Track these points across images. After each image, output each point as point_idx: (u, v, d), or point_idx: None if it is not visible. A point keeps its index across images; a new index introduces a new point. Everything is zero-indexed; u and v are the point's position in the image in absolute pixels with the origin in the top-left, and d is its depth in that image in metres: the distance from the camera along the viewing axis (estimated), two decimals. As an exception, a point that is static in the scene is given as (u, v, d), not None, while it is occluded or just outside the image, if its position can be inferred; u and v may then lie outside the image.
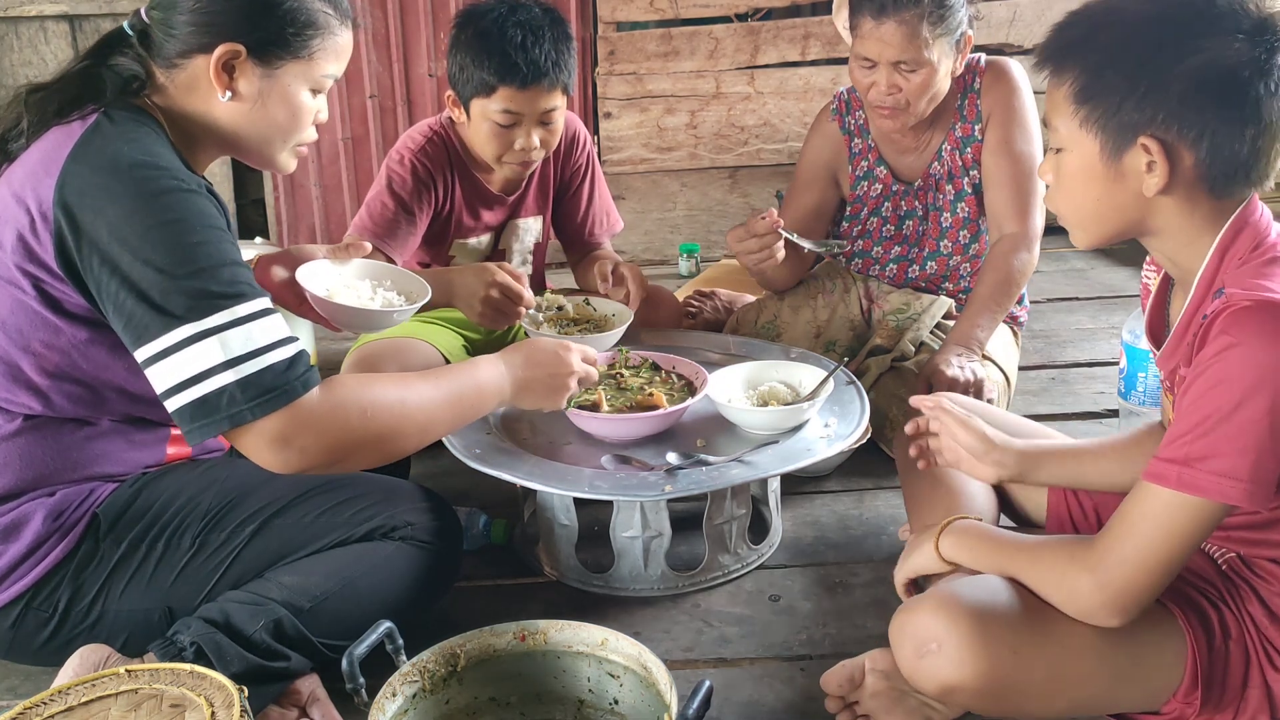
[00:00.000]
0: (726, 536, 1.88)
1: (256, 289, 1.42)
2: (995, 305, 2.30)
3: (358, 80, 3.69)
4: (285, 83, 1.52)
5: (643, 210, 3.92)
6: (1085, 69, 1.28)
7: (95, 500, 1.55)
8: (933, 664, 1.33)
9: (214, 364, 1.35)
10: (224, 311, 1.36)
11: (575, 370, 1.70)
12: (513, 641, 1.43)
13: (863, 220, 2.50)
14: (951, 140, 2.37)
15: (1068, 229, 1.39)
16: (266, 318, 1.40)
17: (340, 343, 3.18)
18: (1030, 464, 1.60)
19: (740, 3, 3.77)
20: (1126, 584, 1.27)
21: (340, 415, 1.41)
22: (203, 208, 1.42)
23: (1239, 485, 1.19)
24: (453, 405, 1.56)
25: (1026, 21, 3.78)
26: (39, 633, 1.54)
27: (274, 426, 1.36)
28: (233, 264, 1.41)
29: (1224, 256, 1.29)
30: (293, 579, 1.53)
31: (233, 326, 1.36)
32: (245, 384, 1.35)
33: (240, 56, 1.48)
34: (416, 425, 1.51)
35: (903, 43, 2.14)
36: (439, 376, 1.58)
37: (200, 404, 1.35)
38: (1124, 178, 1.28)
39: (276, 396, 1.36)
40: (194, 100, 1.51)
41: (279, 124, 1.55)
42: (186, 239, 1.38)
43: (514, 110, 2.17)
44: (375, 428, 1.44)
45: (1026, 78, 2.35)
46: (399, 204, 2.28)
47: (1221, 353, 1.20)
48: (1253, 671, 1.34)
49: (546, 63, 2.14)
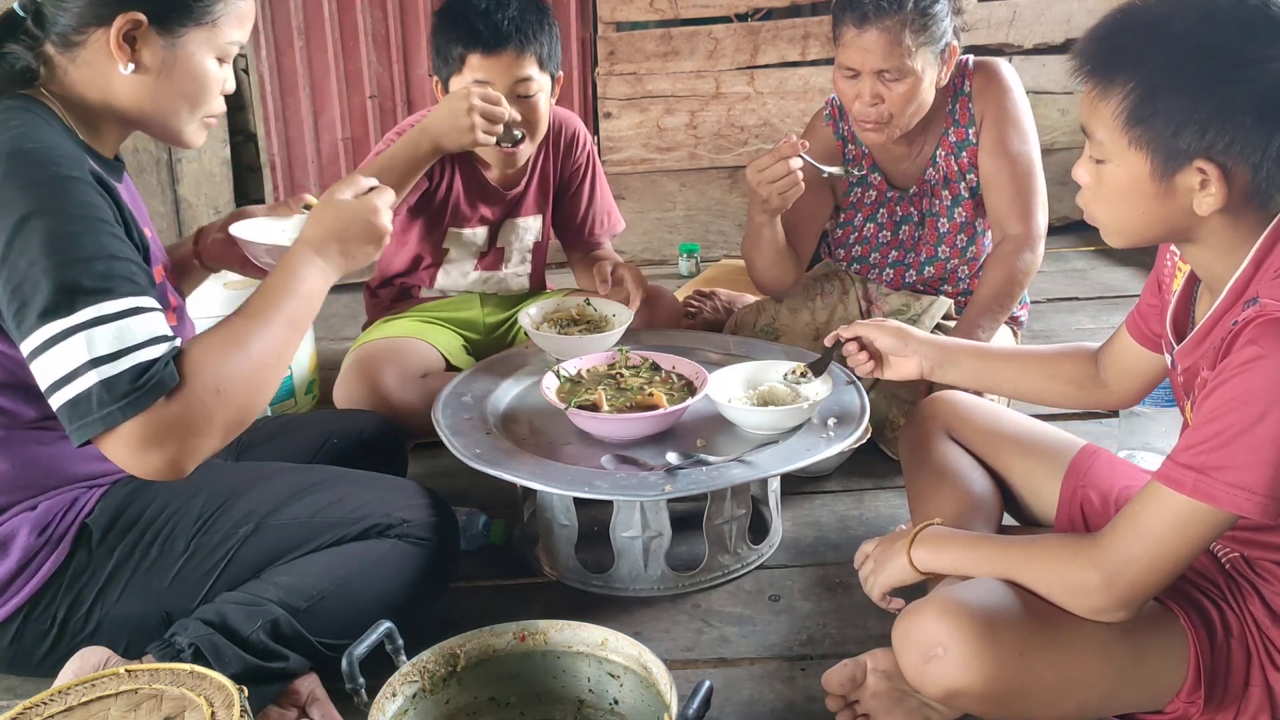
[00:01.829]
0: (726, 536, 1.88)
1: (134, 284, 1.35)
2: (998, 306, 2.30)
3: (358, 80, 3.69)
4: (189, 51, 1.47)
5: (642, 210, 3.92)
6: (1138, 88, 1.23)
7: (81, 509, 1.54)
8: (938, 669, 1.32)
9: (80, 363, 1.29)
10: (92, 307, 1.30)
11: (378, 206, 1.56)
12: (513, 641, 1.43)
13: (858, 226, 2.50)
14: (945, 145, 2.36)
15: (1101, 230, 1.37)
16: (139, 315, 1.33)
17: (340, 343, 3.18)
18: (946, 357, 1.78)
19: (740, 3, 3.77)
20: (1135, 582, 1.27)
21: (196, 406, 1.34)
22: (83, 197, 1.35)
23: (1253, 498, 1.19)
24: (291, 326, 1.46)
25: (1026, 21, 3.78)
26: (39, 645, 1.54)
27: (136, 431, 1.31)
28: (108, 257, 1.34)
29: (1260, 266, 1.27)
30: (289, 579, 1.53)
31: (100, 323, 1.30)
32: (110, 384, 1.29)
33: (141, 26, 1.42)
34: (270, 369, 1.43)
35: (885, 50, 2.12)
36: (264, 306, 1.45)
37: (73, 404, 1.30)
38: (1174, 195, 1.26)
39: (140, 398, 1.30)
40: (94, 77, 1.45)
41: (185, 95, 1.49)
42: (60, 230, 1.32)
43: (484, 79, 2.18)
44: (234, 399, 1.38)
45: (1016, 76, 2.34)
46: None
47: (1248, 363, 1.19)
48: (1254, 670, 1.34)
49: (510, 26, 2.16)
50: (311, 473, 1.68)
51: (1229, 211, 1.26)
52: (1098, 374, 1.69)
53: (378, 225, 1.55)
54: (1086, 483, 1.64)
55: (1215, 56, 1.20)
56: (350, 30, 3.63)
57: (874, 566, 1.57)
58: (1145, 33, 1.25)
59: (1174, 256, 1.49)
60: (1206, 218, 1.27)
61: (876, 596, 1.56)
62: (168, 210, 3.67)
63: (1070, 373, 1.71)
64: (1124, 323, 1.64)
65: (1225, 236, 1.29)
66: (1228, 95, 1.19)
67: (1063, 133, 3.90)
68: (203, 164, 3.66)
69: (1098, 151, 1.30)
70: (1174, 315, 1.45)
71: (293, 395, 2.58)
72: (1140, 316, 1.59)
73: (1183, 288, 1.44)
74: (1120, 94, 1.25)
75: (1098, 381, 1.69)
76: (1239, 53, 1.19)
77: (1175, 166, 1.24)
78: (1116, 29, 1.28)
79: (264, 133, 3.67)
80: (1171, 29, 1.22)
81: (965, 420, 1.80)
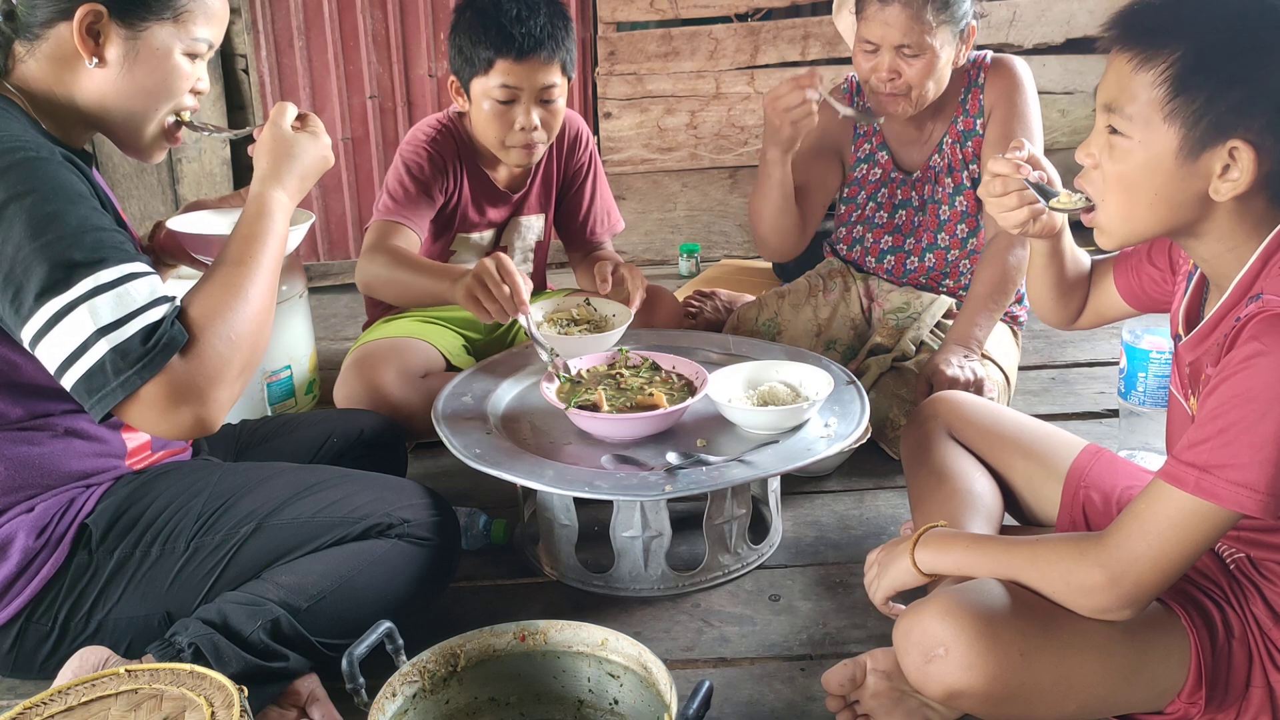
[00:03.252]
0: (726, 536, 1.88)
1: (125, 251, 1.36)
2: (993, 303, 2.31)
3: (358, 80, 3.69)
4: (153, 46, 1.46)
5: (643, 210, 3.92)
6: (1186, 56, 1.20)
7: (79, 510, 1.54)
8: (940, 669, 1.32)
9: (88, 334, 1.30)
10: (89, 278, 1.30)
11: (322, 134, 1.59)
12: (513, 641, 1.43)
13: (860, 204, 2.51)
14: (953, 133, 2.38)
15: (1097, 224, 1.34)
16: (137, 280, 1.34)
17: (340, 343, 3.18)
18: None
19: (740, 3, 3.77)
20: (1140, 580, 1.26)
21: (212, 358, 1.35)
22: (58, 176, 1.36)
23: (1255, 496, 1.18)
24: (275, 267, 1.49)
25: (1026, 21, 3.78)
26: (40, 647, 1.54)
27: (157, 392, 1.31)
28: (94, 229, 1.34)
29: (1267, 262, 1.26)
30: (290, 579, 1.53)
31: (100, 292, 1.31)
32: (123, 350, 1.30)
33: (102, 18, 1.42)
34: (267, 311, 1.45)
35: (906, 26, 2.15)
36: (249, 251, 1.46)
37: (88, 378, 1.31)
38: (1193, 177, 1.24)
39: (154, 358, 1.31)
40: (59, 72, 1.45)
41: (148, 90, 1.48)
42: (41, 210, 1.32)
43: (511, 85, 2.20)
44: (245, 345, 1.40)
45: (1030, 75, 2.36)
46: (419, 186, 2.30)
47: (1250, 359, 1.18)
48: (1255, 671, 1.34)
49: (542, 34, 2.18)
50: (312, 473, 1.67)
51: (1240, 201, 1.25)
52: (1082, 299, 1.71)
53: (328, 154, 1.60)
54: (1088, 483, 1.64)
55: (1270, 29, 1.18)
56: (350, 30, 3.63)
57: (877, 571, 1.57)
58: (1196, 1, 1.23)
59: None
60: (1213, 210, 1.26)
61: (880, 600, 1.56)
62: (168, 210, 3.67)
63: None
64: (1113, 271, 1.64)
65: (1229, 230, 1.28)
66: (1277, 71, 1.17)
67: (1062, 133, 3.90)
68: (203, 164, 3.66)
69: (1122, 126, 1.26)
70: (1187, 306, 1.44)
71: (293, 395, 2.58)
72: (1134, 272, 1.59)
73: (1198, 278, 1.43)
74: (1165, 62, 1.22)
75: (1077, 306, 1.72)
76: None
77: (1206, 144, 1.22)
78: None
79: (264, 133, 3.67)
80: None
81: (966, 420, 1.80)
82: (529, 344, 2.25)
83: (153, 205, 3.65)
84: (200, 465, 1.69)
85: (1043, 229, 1.57)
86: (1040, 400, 2.66)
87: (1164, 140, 1.23)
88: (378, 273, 2.21)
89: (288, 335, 2.56)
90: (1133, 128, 1.25)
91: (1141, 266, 1.59)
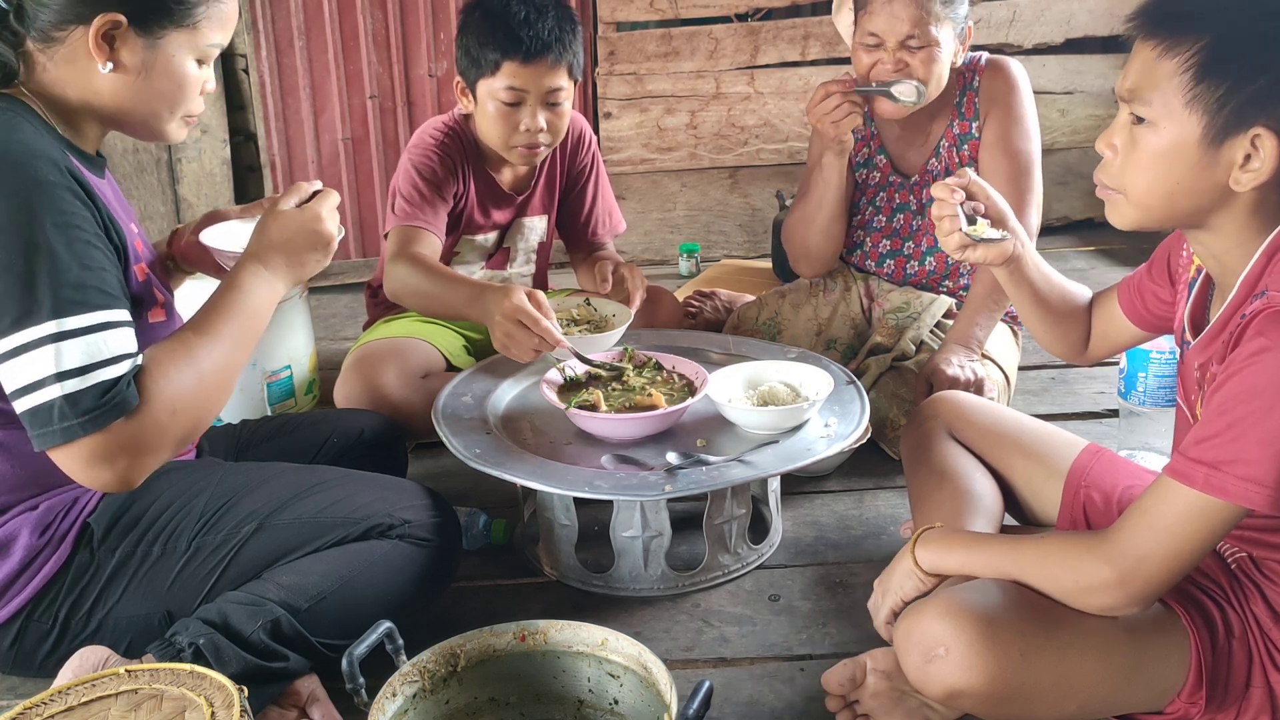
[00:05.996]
0: (726, 536, 1.88)
1: (108, 295, 1.37)
2: (993, 304, 2.31)
3: (358, 81, 3.68)
4: (169, 53, 1.46)
5: (643, 210, 3.91)
6: (1213, 43, 1.20)
7: (82, 508, 1.54)
8: (940, 669, 1.32)
9: (45, 375, 1.31)
10: (63, 319, 1.32)
11: (321, 214, 1.56)
12: (513, 641, 1.43)
13: (860, 209, 2.51)
14: (949, 136, 2.37)
15: (1113, 202, 1.33)
16: (110, 331, 1.35)
17: (340, 343, 3.18)
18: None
19: (740, 3, 3.77)
20: (1149, 577, 1.26)
21: (151, 426, 1.36)
22: (60, 204, 1.36)
23: (1263, 490, 1.18)
24: (238, 344, 1.49)
25: (1026, 21, 3.78)
26: (40, 645, 1.54)
27: (92, 447, 1.33)
28: (82, 267, 1.35)
29: (1271, 259, 1.26)
30: (290, 579, 1.53)
31: (70, 337, 1.32)
32: (74, 400, 1.31)
33: (121, 27, 1.42)
34: (218, 390, 1.46)
35: (914, 17, 2.15)
36: (214, 321, 1.47)
37: (33, 414, 1.33)
38: (1215, 166, 1.24)
39: (101, 416, 1.32)
40: (74, 75, 1.45)
41: (164, 95, 1.48)
42: (34, 239, 1.33)
43: (518, 87, 2.19)
44: (187, 417, 1.41)
45: (1026, 76, 2.36)
46: (433, 189, 2.29)
47: (1256, 355, 1.18)
48: (1255, 671, 1.34)
49: (550, 37, 2.17)
50: (313, 473, 1.68)
51: (1259, 192, 1.25)
52: (1083, 329, 1.71)
53: (322, 233, 1.56)
54: (1089, 483, 1.64)
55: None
56: (350, 30, 3.63)
57: (879, 589, 1.55)
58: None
59: (1189, 249, 1.48)
60: (1231, 201, 1.26)
61: (884, 618, 1.52)
62: (168, 210, 3.67)
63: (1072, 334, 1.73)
64: (1117, 295, 1.64)
65: (1243, 223, 1.28)
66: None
67: (1062, 133, 3.89)
68: (203, 164, 3.66)
69: (1146, 113, 1.26)
70: (1192, 311, 1.44)
71: (293, 395, 2.58)
72: (1137, 293, 1.59)
73: (1201, 283, 1.43)
74: (1190, 48, 1.22)
75: (1078, 337, 1.71)
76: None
77: (1229, 132, 1.21)
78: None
79: (264, 133, 3.66)
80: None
81: (967, 420, 1.80)
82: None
83: (153, 205, 3.64)
84: (202, 465, 1.69)
85: (995, 256, 1.61)
86: (1040, 400, 2.66)
87: (1187, 128, 1.23)
88: (406, 282, 2.18)
89: (288, 335, 2.56)
90: (1156, 115, 1.25)
91: (1144, 286, 1.58)
